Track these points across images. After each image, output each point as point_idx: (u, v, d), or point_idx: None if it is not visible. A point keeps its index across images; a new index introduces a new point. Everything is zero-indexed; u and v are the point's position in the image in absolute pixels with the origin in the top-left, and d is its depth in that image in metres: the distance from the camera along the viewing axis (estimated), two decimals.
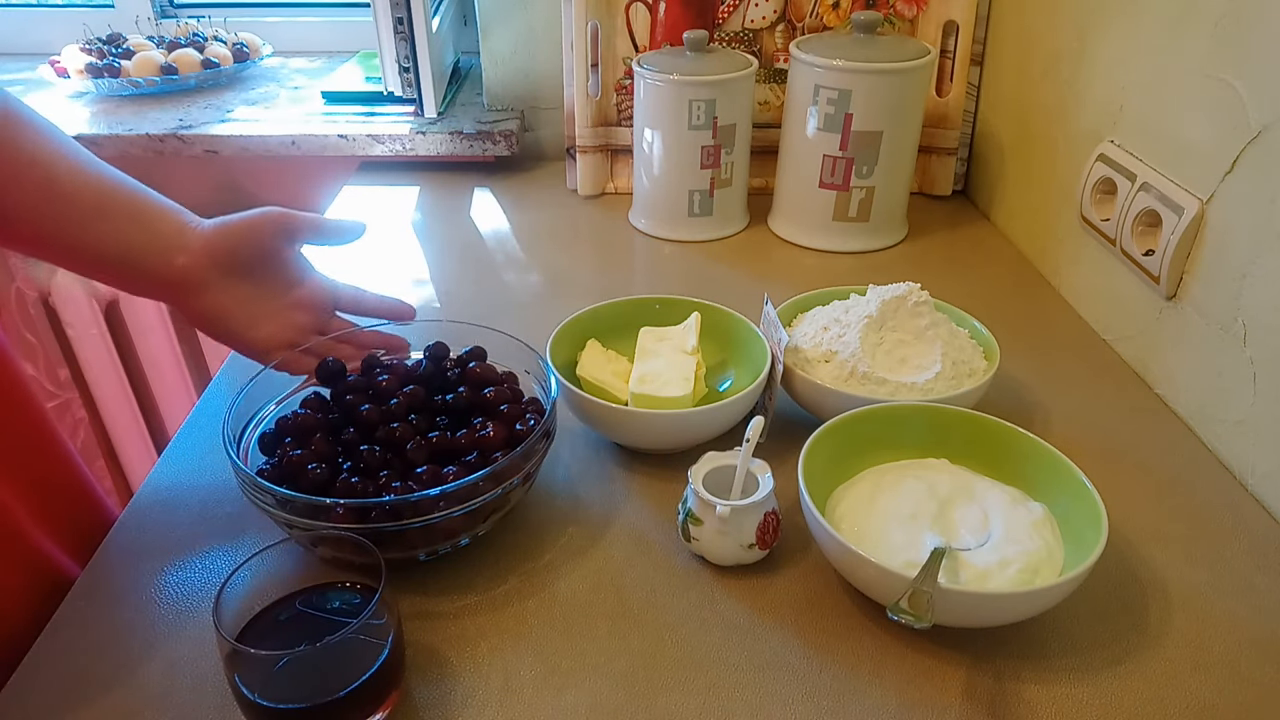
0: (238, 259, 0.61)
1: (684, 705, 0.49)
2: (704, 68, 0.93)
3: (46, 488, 0.62)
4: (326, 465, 0.56)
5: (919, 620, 0.46)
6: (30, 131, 0.57)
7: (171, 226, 0.60)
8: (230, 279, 0.62)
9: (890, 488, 0.59)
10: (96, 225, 0.58)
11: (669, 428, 0.65)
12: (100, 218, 0.58)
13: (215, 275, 0.61)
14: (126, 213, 0.59)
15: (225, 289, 0.62)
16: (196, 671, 0.51)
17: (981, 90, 1.07)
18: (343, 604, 0.49)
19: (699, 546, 0.58)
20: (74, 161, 0.58)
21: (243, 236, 0.61)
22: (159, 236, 0.60)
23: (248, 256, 0.62)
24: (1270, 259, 0.62)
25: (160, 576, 0.57)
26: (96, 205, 0.58)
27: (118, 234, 0.58)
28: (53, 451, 0.65)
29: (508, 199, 1.13)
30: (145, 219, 0.60)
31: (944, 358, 0.66)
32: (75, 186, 0.57)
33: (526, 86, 1.20)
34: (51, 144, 0.57)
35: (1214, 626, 0.54)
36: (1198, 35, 0.68)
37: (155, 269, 0.60)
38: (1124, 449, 0.69)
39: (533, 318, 0.84)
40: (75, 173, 0.58)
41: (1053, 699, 0.49)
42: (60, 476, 0.66)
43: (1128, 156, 0.77)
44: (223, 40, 1.39)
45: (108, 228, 0.58)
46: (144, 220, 0.60)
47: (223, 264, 0.61)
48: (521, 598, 0.56)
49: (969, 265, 0.97)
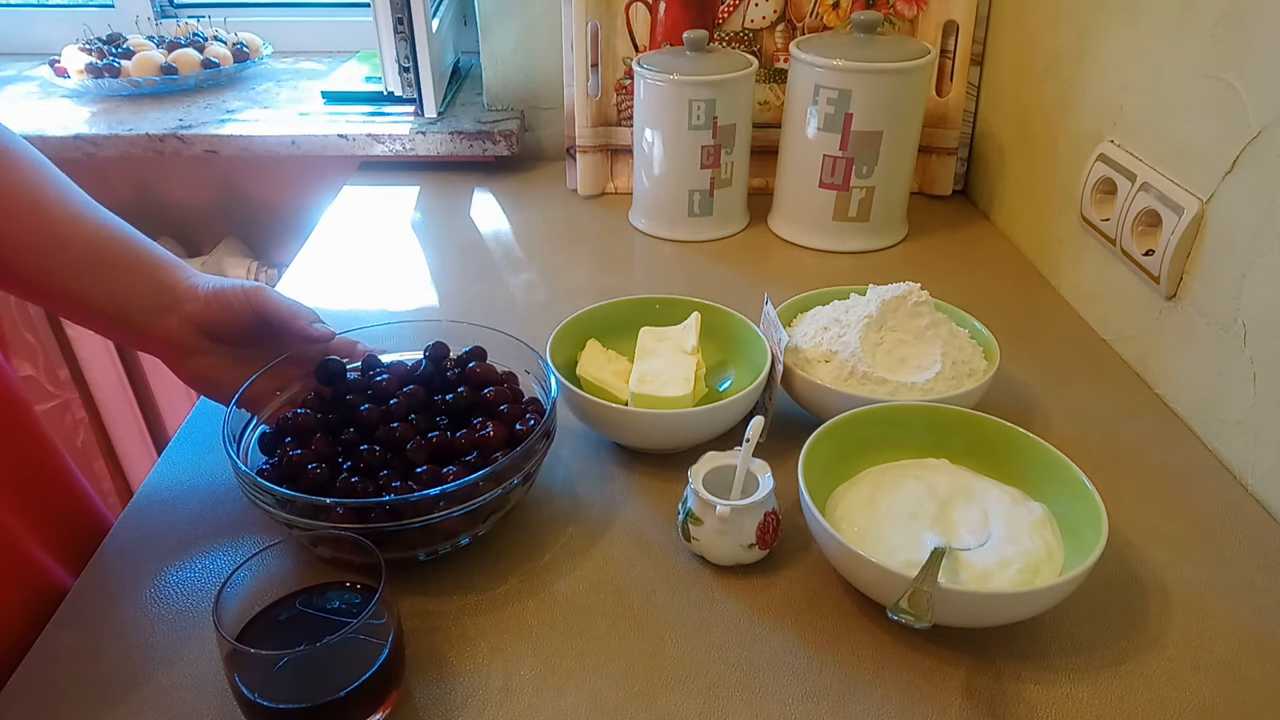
0: (224, 331, 0.61)
1: (684, 705, 0.49)
2: (704, 68, 0.93)
3: (39, 496, 0.62)
4: (326, 465, 0.56)
5: (919, 620, 0.46)
6: (29, 172, 0.56)
7: (165, 285, 0.60)
8: (218, 345, 0.62)
9: (890, 488, 0.59)
10: (91, 276, 0.58)
11: (669, 428, 0.65)
12: (95, 268, 0.58)
13: (203, 341, 0.61)
14: (122, 266, 0.59)
15: (213, 353, 0.61)
16: (196, 671, 0.51)
17: (981, 90, 1.07)
18: (343, 604, 0.49)
19: (699, 546, 0.58)
20: (72, 207, 0.58)
21: (228, 312, 0.60)
22: (152, 295, 0.59)
23: (234, 330, 0.61)
24: (1270, 259, 0.62)
25: (160, 576, 0.57)
26: (92, 255, 0.58)
27: (112, 287, 0.58)
28: (46, 458, 0.65)
29: (508, 199, 1.13)
30: (140, 275, 0.59)
31: (944, 358, 0.66)
32: (72, 234, 0.57)
33: (526, 86, 1.20)
34: (50, 187, 0.57)
35: (1214, 626, 0.54)
36: (1198, 35, 0.68)
37: (146, 327, 0.60)
38: (1124, 449, 0.69)
39: (533, 318, 0.84)
40: (73, 219, 0.57)
41: (1053, 699, 0.49)
42: (54, 484, 0.65)
43: (1128, 156, 0.77)
44: (223, 40, 1.39)
45: (102, 280, 0.58)
46: (139, 276, 0.59)
47: (210, 333, 0.61)
48: (521, 598, 0.56)
49: (969, 265, 0.97)
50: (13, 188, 0.55)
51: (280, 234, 1.45)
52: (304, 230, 1.30)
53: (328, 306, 0.88)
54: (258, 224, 1.42)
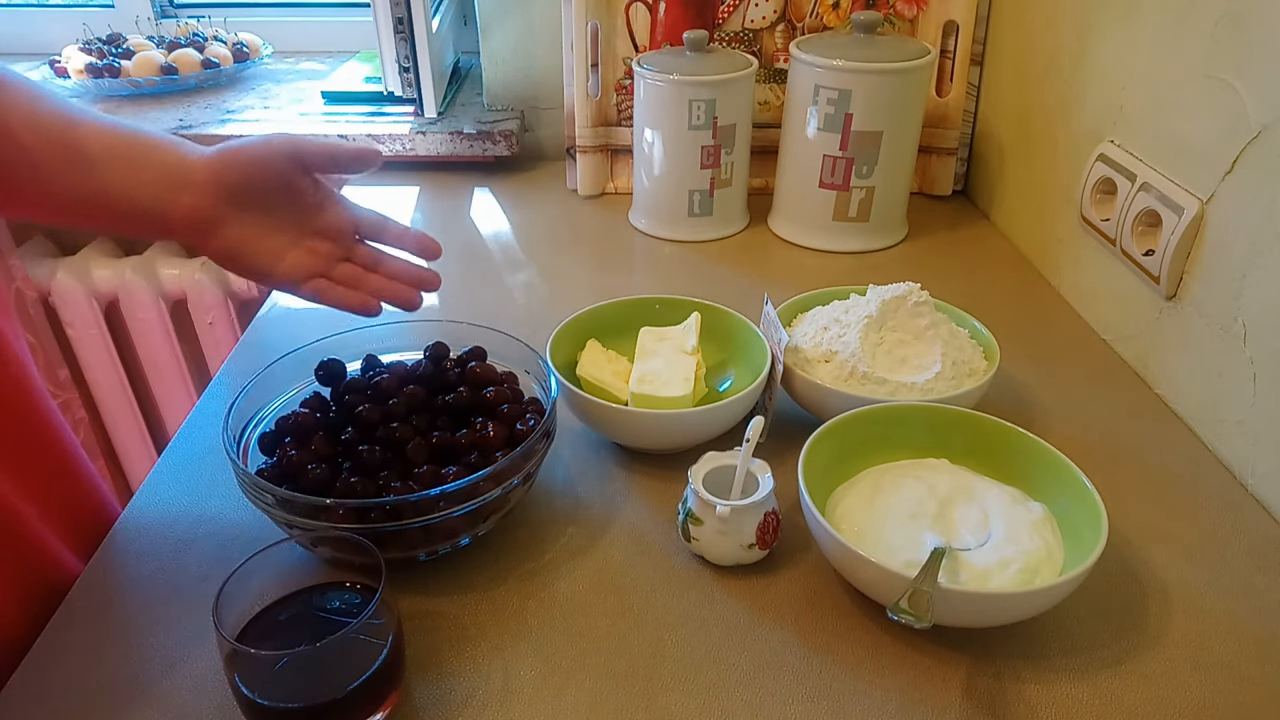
0: (250, 192, 0.58)
1: (684, 705, 0.49)
2: (704, 68, 0.93)
3: (50, 484, 0.62)
4: (326, 465, 0.56)
5: (919, 620, 0.46)
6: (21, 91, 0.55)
7: (172, 159, 0.57)
8: (245, 212, 0.58)
9: (890, 488, 0.59)
10: (99, 172, 0.55)
11: (669, 428, 0.65)
12: (101, 164, 0.55)
13: (228, 210, 0.58)
14: (125, 155, 0.56)
15: (241, 224, 0.58)
16: (196, 671, 0.51)
17: (981, 90, 1.07)
18: (343, 604, 0.49)
19: (699, 546, 0.58)
20: (66, 113, 0.56)
21: (253, 169, 0.58)
22: (161, 175, 0.57)
23: (261, 189, 0.59)
24: (1270, 259, 0.62)
25: (160, 576, 0.57)
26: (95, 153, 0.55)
27: (120, 178, 0.56)
28: (57, 446, 0.65)
29: (508, 199, 1.13)
30: (146, 158, 0.57)
31: (944, 358, 0.66)
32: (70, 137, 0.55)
33: (526, 86, 1.20)
34: (43, 101, 0.56)
35: (1214, 626, 0.54)
36: (1198, 35, 0.68)
37: (163, 211, 0.57)
38: (1124, 449, 0.69)
39: (533, 318, 0.84)
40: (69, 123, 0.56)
41: (1053, 699, 0.49)
42: (64, 471, 0.65)
43: (1128, 156, 0.77)
44: (223, 40, 1.39)
45: (110, 173, 0.56)
46: (144, 160, 0.57)
47: (235, 198, 0.58)
48: (521, 598, 0.56)
49: (969, 265, 0.97)
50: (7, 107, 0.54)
51: None
52: None
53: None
54: None
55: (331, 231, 0.62)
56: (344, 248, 0.63)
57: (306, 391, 0.63)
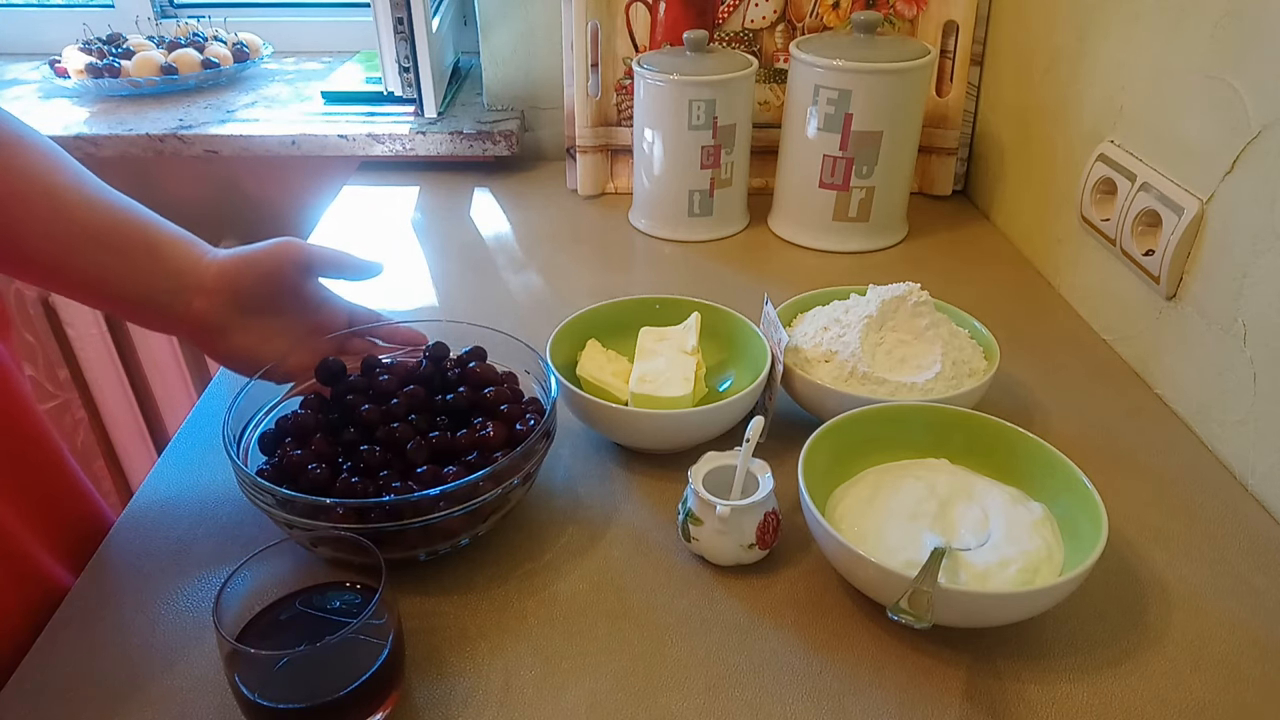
0: (257, 297, 0.60)
1: (684, 705, 0.49)
2: (704, 68, 0.93)
3: (41, 495, 0.62)
4: (326, 465, 0.56)
5: (919, 620, 0.46)
6: (42, 161, 0.56)
7: (187, 262, 0.59)
8: (250, 317, 0.61)
9: (890, 488, 0.59)
10: (110, 260, 0.56)
11: (669, 428, 0.65)
12: (114, 253, 0.56)
13: (236, 317, 0.60)
14: (140, 248, 0.57)
15: (246, 329, 0.61)
16: (197, 672, 0.51)
17: (981, 90, 1.07)
18: (343, 604, 0.49)
19: (699, 546, 0.58)
20: (86, 192, 0.57)
21: (260, 274, 0.60)
22: (174, 275, 0.58)
23: (266, 293, 0.61)
24: (1270, 259, 0.62)
25: (160, 576, 0.57)
26: (109, 239, 0.56)
27: (133, 271, 0.57)
28: (48, 458, 0.64)
29: (508, 199, 1.13)
30: (159, 255, 0.58)
31: (944, 358, 0.66)
32: (88, 219, 0.56)
33: (526, 86, 1.20)
34: (63, 174, 0.56)
35: (1214, 626, 0.54)
36: (1197, 35, 0.68)
37: (173, 309, 0.58)
38: (1124, 449, 0.69)
39: (533, 318, 0.84)
40: (87, 204, 0.56)
41: (1053, 699, 0.49)
42: (56, 483, 0.65)
43: (1128, 156, 0.77)
44: (223, 40, 1.39)
45: (122, 263, 0.57)
46: (158, 257, 0.58)
47: (242, 304, 0.60)
48: (521, 598, 0.56)
49: (969, 265, 0.97)
50: (27, 177, 0.54)
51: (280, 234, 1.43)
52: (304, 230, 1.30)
53: None
54: (258, 224, 1.42)
55: (330, 327, 0.65)
56: (339, 342, 0.65)
57: (306, 392, 0.63)
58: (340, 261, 0.64)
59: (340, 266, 0.64)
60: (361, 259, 0.65)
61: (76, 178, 0.57)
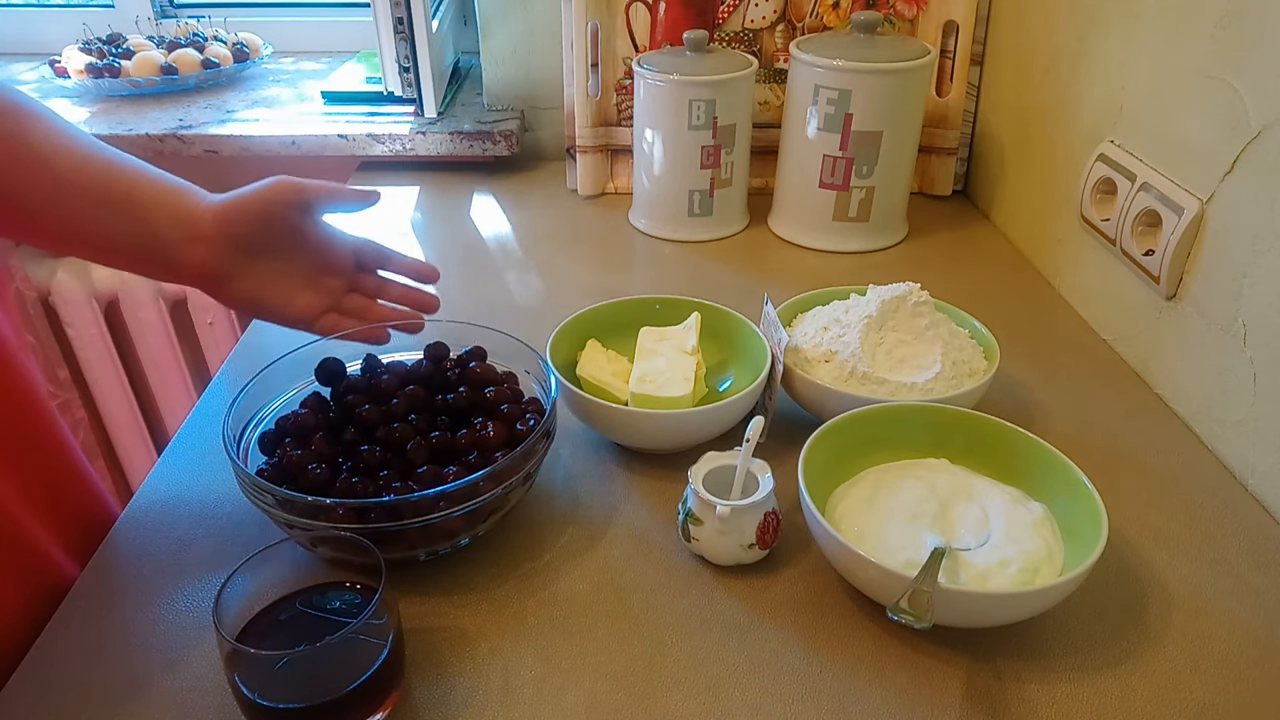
0: (259, 242, 0.60)
1: (684, 705, 0.49)
2: (704, 68, 0.93)
3: (49, 486, 0.62)
4: (326, 465, 0.56)
5: (919, 620, 0.46)
6: (37, 123, 0.56)
7: (183, 211, 0.59)
8: (254, 260, 0.61)
9: (890, 488, 0.59)
10: (110, 215, 0.57)
11: (669, 428, 0.65)
12: (113, 207, 0.57)
13: (239, 261, 0.60)
14: (138, 201, 0.58)
15: (251, 272, 0.61)
16: (197, 672, 0.51)
17: (981, 90, 1.07)
18: (343, 604, 0.49)
19: (699, 546, 0.58)
20: (83, 151, 0.57)
21: (257, 216, 0.60)
22: (173, 224, 0.58)
23: (269, 237, 0.61)
24: (1270, 259, 0.62)
25: (160, 576, 0.57)
26: (107, 195, 0.57)
27: (133, 224, 0.57)
28: (56, 449, 0.65)
29: (508, 199, 1.13)
30: (158, 206, 0.58)
31: (944, 358, 0.66)
32: (84, 177, 0.56)
33: (526, 86, 1.20)
34: (60, 135, 0.57)
35: (1214, 626, 0.54)
36: (1198, 35, 0.68)
37: (176, 259, 0.59)
38: (1124, 449, 0.69)
39: (533, 318, 0.84)
40: (84, 162, 0.57)
41: (1053, 699, 0.49)
42: (63, 474, 0.65)
43: (1128, 156, 0.77)
44: (223, 40, 1.39)
45: (122, 218, 0.57)
46: (157, 207, 0.58)
47: (245, 249, 0.60)
48: (521, 598, 0.56)
49: (969, 265, 0.97)
50: (22, 140, 0.55)
51: None
52: None
53: None
54: None
55: (335, 266, 0.65)
56: (348, 279, 0.65)
57: (306, 391, 0.63)
58: (335, 194, 0.63)
59: (335, 198, 0.63)
60: (356, 189, 0.64)
61: (72, 139, 0.57)
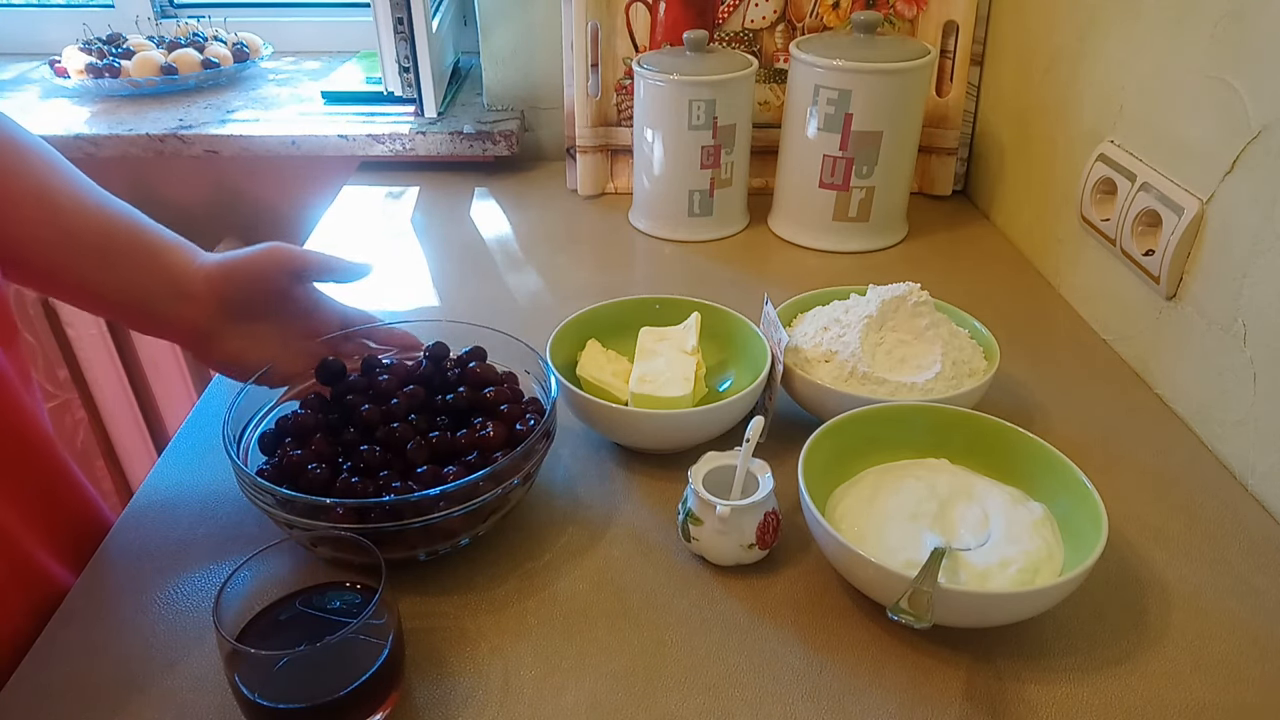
0: (247, 304, 0.61)
1: (684, 705, 0.49)
2: (704, 68, 0.93)
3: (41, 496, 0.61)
4: (326, 465, 0.56)
5: (919, 620, 0.46)
6: (36, 164, 0.56)
7: (177, 269, 0.59)
8: (241, 323, 0.61)
9: (890, 488, 0.59)
10: (102, 267, 0.57)
11: (669, 428, 0.65)
12: (105, 259, 0.57)
13: (226, 323, 0.60)
14: (131, 256, 0.58)
15: (237, 335, 0.61)
16: (197, 672, 0.51)
17: (981, 90, 1.07)
18: (343, 604, 0.49)
19: (699, 546, 0.58)
20: (79, 198, 0.57)
21: (247, 280, 0.60)
22: (165, 283, 0.59)
23: (256, 300, 0.61)
24: (1270, 259, 0.62)
25: (160, 576, 0.57)
26: (101, 246, 0.57)
27: (124, 278, 0.58)
28: (48, 459, 0.64)
29: (507, 199, 1.13)
30: (151, 263, 0.59)
31: (944, 358, 0.66)
32: (79, 225, 0.56)
33: (526, 86, 1.20)
34: (57, 179, 0.57)
35: (1214, 626, 0.54)
36: (1198, 35, 0.68)
37: (164, 316, 0.59)
38: (1124, 449, 0.69)
39: (533, 318, 0.84)
40: (80, 210, 0.57)
41: (1053, 699, 0.49)
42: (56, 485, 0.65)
43: (1128, 156, 0.77)
44: (223, 40, 1.39)
45: (113, 271, 0.57)
46: (149, 265, 0.59)
47: (232, 311, 0.60)
48: (521, 598, 0.56)
49: (969, 265, 0.97)
50: (20, 180, 0.55)
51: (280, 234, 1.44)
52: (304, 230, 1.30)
53: None
54: (258, 224, 1.42)
55: (321, 332, 0.65)
56: (330, 345, 0.65)
57: (305, 393, 0.63)
58: (328, 264, 0.63)
59: (328, 269, 0.64)
60: (349, 261, 0.64)
61: (71, 182, 0.57)
